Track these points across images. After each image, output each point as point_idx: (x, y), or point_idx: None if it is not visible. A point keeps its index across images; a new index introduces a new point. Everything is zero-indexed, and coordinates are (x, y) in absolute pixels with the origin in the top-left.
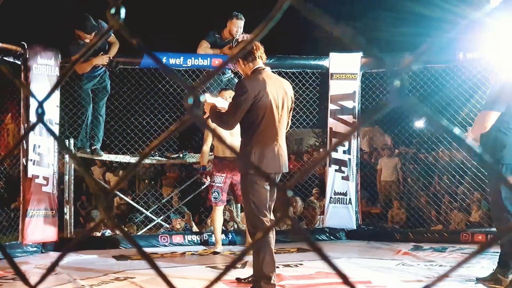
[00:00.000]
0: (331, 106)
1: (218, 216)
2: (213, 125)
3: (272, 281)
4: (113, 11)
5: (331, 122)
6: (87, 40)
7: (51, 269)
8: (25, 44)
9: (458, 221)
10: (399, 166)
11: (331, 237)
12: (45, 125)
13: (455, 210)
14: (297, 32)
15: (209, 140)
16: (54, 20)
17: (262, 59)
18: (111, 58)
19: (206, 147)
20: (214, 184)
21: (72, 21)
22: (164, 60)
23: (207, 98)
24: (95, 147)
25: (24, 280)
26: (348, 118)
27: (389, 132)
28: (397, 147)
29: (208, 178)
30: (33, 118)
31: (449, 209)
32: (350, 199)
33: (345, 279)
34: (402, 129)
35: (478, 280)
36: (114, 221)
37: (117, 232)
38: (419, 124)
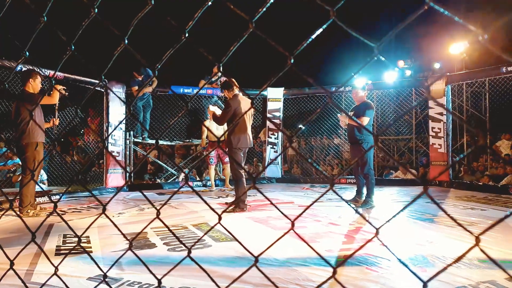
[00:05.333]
0: (268, 115)
1: (212, 170)
2: (207, 123)
3: (245, 203)
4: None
5: (268, 123)
6: (140, 78)
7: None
8: (106, 80)
9: (330, 173)
10: (297, 146)
11: (269, 181)
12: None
13: (327, 167)
14: (251, 74)
15: (204, 133)
16: (122, 64)
17: (237, 89)
18: (153, 88)
19: (203, 136)
20: (210, 154)
21: (132, 67)
22: (181, 90)
23: (212, 108)
24: (144, 136)
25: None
26: (276, 121)
27: (291, 130)
28: (296, 137)
29: (208, 151)
30: (111, 120)
31: (324, 168)
32: (278, 162)
33: (270, 201)
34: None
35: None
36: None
37: (159, 180)
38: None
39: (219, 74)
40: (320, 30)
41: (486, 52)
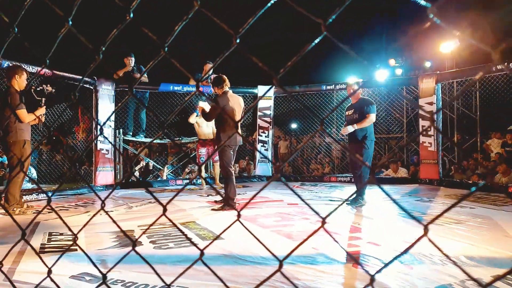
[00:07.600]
0: (259, 113)
1: (203, 169)
2: (192, 119)
3: (234, 201)
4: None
5: (258, 121)
6: (129, 69)
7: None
8: (96, 77)
9: (321, 171)
10: (289, 145)
11: (259, 179)
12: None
13: (318, 166)
14: (243, 74)
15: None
16: (112, 61)
17: (228, 86)
18: (138, 81)
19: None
20: (200, 153)
21: (120, 65)
22: (171, 87)
23: (201, 104)
24: (137, 134)
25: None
26: (267, 119)
27: (282, 129)
28: (288, 136)
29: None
30: (101, 117)
31: (315, 166)
32: (269, 160)
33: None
34: (288, 127)
35: (346, 201)
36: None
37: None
38: (294, 125)
39: (210, 72)
40: (312, 45)
41: (477, 51)
